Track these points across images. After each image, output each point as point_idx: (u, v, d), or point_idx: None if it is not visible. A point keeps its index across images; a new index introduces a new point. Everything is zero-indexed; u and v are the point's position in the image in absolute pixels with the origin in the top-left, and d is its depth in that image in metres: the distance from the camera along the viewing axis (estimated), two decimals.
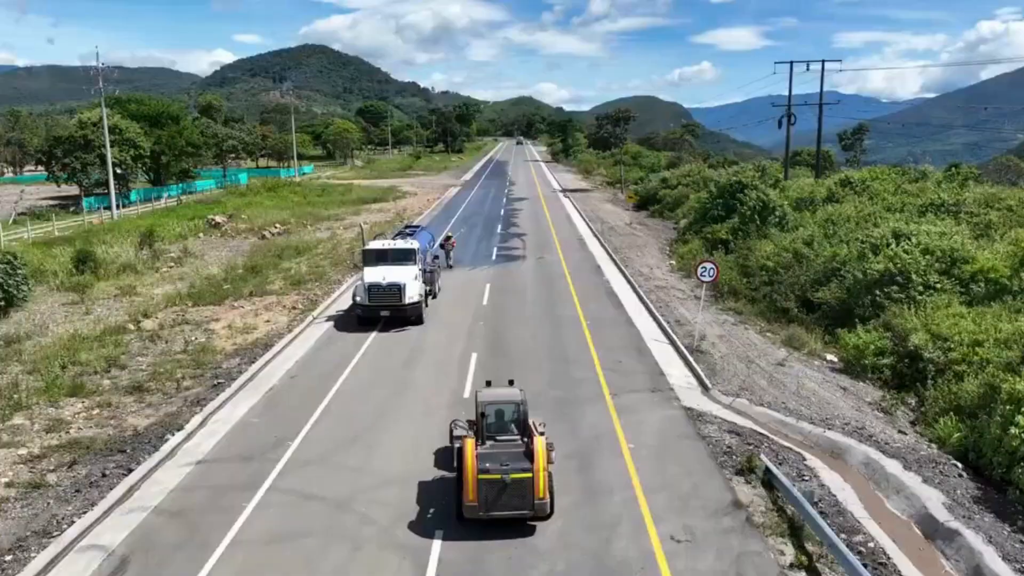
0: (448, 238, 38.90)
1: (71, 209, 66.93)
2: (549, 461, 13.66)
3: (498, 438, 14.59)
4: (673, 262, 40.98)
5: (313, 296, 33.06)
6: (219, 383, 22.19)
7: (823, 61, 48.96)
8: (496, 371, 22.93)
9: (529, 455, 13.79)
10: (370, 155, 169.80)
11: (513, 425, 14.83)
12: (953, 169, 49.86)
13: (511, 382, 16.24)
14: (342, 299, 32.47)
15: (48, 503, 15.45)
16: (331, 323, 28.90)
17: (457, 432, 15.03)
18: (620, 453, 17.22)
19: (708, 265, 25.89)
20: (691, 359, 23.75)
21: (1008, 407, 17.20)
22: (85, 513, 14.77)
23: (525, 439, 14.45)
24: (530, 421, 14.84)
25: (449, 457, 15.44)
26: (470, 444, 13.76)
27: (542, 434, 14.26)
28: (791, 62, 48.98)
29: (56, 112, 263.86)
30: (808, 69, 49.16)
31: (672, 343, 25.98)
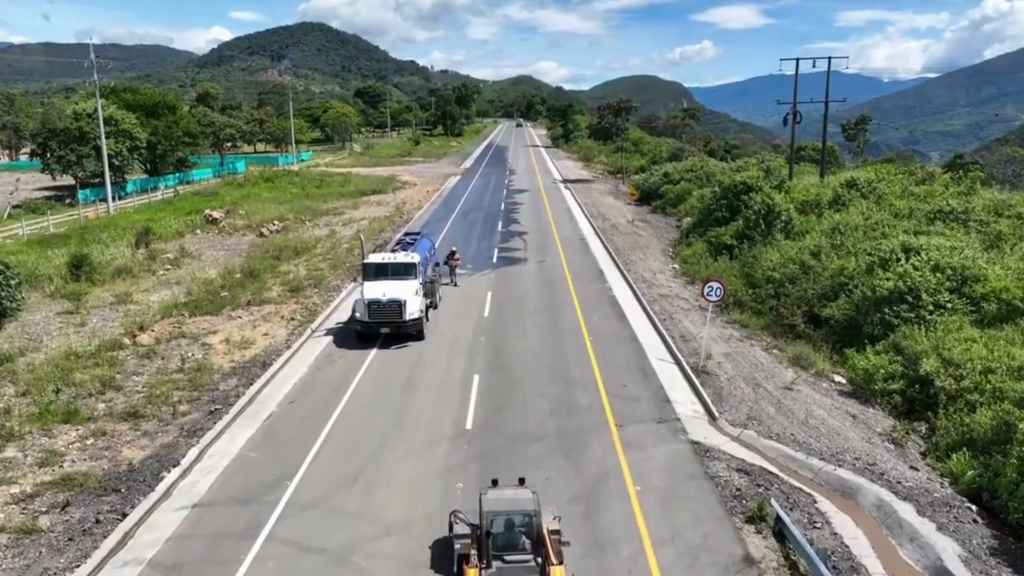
0: (452, 253, 37.37)
1: (67, 201, 66.24)
2: None
3: (506, 558, 12.30)
4: (676, 266, 40.45)
5: (312, 305, 32.54)
6: (216, 409, 21.75)
7: (829, 58, 48.07)
8: (499, 395, 22.59)
9: None
10: (368, 139, 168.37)
11: (524, 538, 12.55)
12: (960, 171, 49.12)
13: (521, 480, 13.78)
14: (341, 308, 31.99)
15: (40, 552, 15.05)
16: (330, 337, 28.41)
17: (458, 529, 13.22)
18: (627, 496, 16.79)
19: (715, 284, 25.36)
20: (697, 383, 23.29)
21: None
22: (78, 567, 14.36)
23: (539, 559, 12.27)
24: (544, 527, 12.62)
25: (447, 553, 13.71)
26: (472, 575, 11.84)
27: (555, 532, 12.66)
28: (796, 59, 48.10)
29: (52, 91, 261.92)
30: (814, 66, 48.23)
31: (677, 362, 25.51)
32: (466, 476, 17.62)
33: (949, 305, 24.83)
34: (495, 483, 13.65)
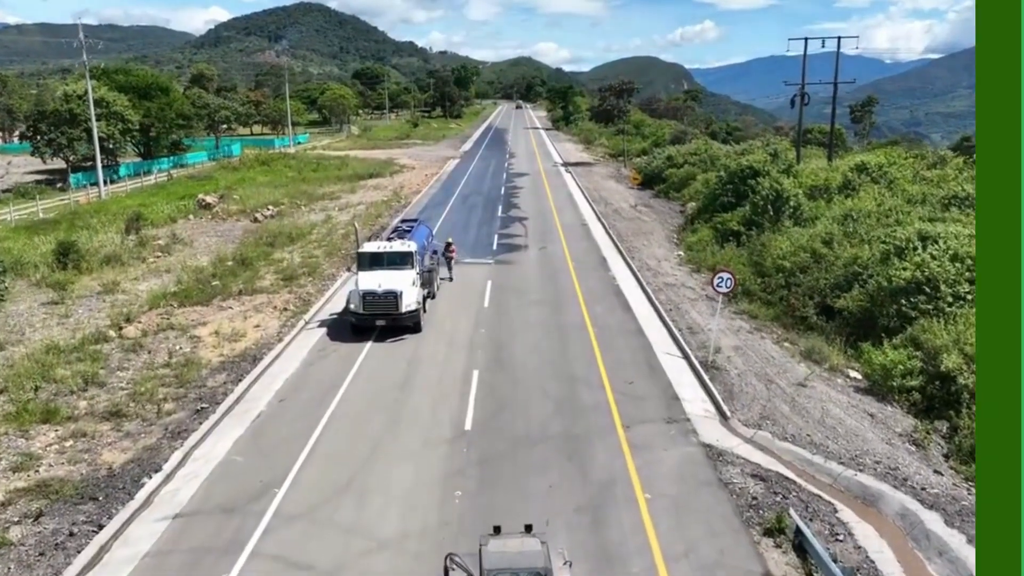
0: (448, 245, 35.19)
1: (58, 186, 64.94)
2: None
3: None
4: (682, 252, 39.34)
5: (305, 295, 31.45)
6: (202, 408, 20.73)
7: (839, 38, 46.66)
8: (499, 393, 21.55)
9: None
10: (366, 121, 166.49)
11: None
12: (971, 155, 47.78)
13: (528, 528, 11.62)
14: (336, 298, 30.91)
15: (8, 568, 14.05)
16: (324, 329, 27.35)
17: None
18: (636, 505, 15.77)
19: (725, 275, 24.26)
20: (707, 379, 22.25)
21: None
22: None
23: None
24: None
25: None
26: None
27: None
28: (805, 39, 46.77)
29: (48, 72, 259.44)
30: (823, 46, 46.81)
31: (685, 356, 24.47)
32: (465, 483, 16.61)
33: (969, 297, 23.74)
34: (497, 530, 11.63)
